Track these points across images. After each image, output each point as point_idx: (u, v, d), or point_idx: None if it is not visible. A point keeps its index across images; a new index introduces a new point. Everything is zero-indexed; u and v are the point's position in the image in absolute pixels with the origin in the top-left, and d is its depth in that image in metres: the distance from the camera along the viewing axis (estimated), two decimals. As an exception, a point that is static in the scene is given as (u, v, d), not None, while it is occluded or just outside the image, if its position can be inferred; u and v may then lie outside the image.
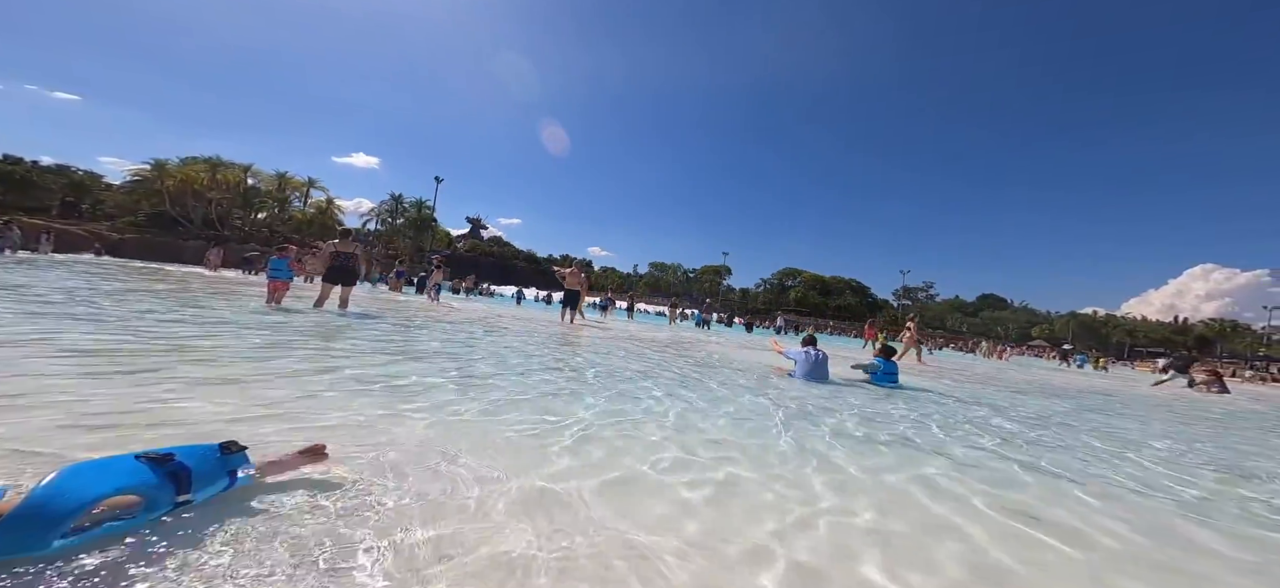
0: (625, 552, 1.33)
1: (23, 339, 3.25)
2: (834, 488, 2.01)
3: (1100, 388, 10.06)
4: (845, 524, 1.68)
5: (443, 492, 1.57)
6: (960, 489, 2.17)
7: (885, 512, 1.82)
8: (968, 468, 2.54)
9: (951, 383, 7.51)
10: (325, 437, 1.73)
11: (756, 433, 2.80)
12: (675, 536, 1.46)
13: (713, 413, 3.22)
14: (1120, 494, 2.38)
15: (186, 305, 6.46)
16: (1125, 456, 3.32)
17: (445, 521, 1.38)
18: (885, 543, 1.57)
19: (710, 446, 2.45)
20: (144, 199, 36.48)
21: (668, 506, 1.68)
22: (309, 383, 2.86)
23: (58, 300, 5.60)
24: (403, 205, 50.73)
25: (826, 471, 2.24)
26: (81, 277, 9.56)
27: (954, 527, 1.76)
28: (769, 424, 3.06)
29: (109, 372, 2.66)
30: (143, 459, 1.22)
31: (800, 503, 1.82)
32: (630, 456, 2.15)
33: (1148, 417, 5.75)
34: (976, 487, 2.21)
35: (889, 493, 2.04)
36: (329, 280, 7.88)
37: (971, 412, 4.61)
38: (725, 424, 2.93)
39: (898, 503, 1.94)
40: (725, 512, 1.68)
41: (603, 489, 1.74)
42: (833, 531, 1.62)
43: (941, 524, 1.77)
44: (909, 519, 1.78)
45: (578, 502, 1.60)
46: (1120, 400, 7.51)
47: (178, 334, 4.09)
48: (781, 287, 65.73)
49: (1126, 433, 4.33)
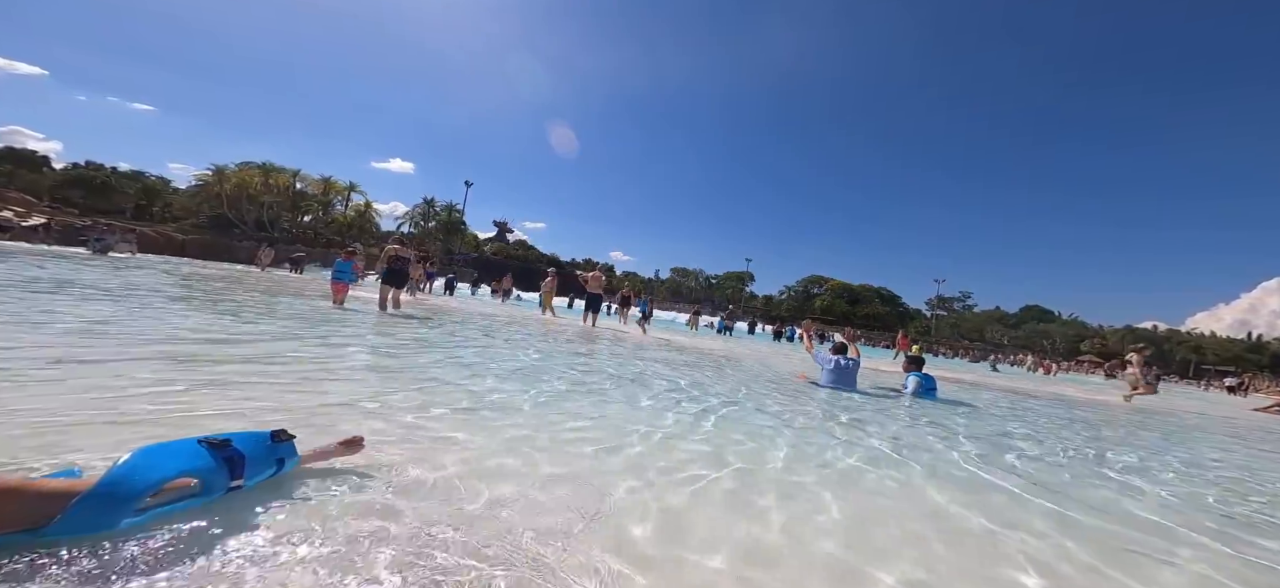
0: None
1: (249, 338, 3.56)
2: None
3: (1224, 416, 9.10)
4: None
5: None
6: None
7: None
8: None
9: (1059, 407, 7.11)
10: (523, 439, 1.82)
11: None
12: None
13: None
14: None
15: (281, 307, 6.92)
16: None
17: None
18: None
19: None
20: (205, 203, 39.29)
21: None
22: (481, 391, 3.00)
23: (221, 304, 6.10)
24: (434, 209, 52.60)
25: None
26: (185, 278, 10.38)
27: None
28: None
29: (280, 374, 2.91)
30: (204, 444, 1.30)
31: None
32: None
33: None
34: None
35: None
36: (387, 282, 8.36)
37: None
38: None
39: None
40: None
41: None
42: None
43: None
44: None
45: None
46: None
47: (297, 332, 4.38)
48: (807, 294, 64.15)
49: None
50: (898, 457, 2.76)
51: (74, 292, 5.88)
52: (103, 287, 6.78)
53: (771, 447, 2.64)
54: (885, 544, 1.61)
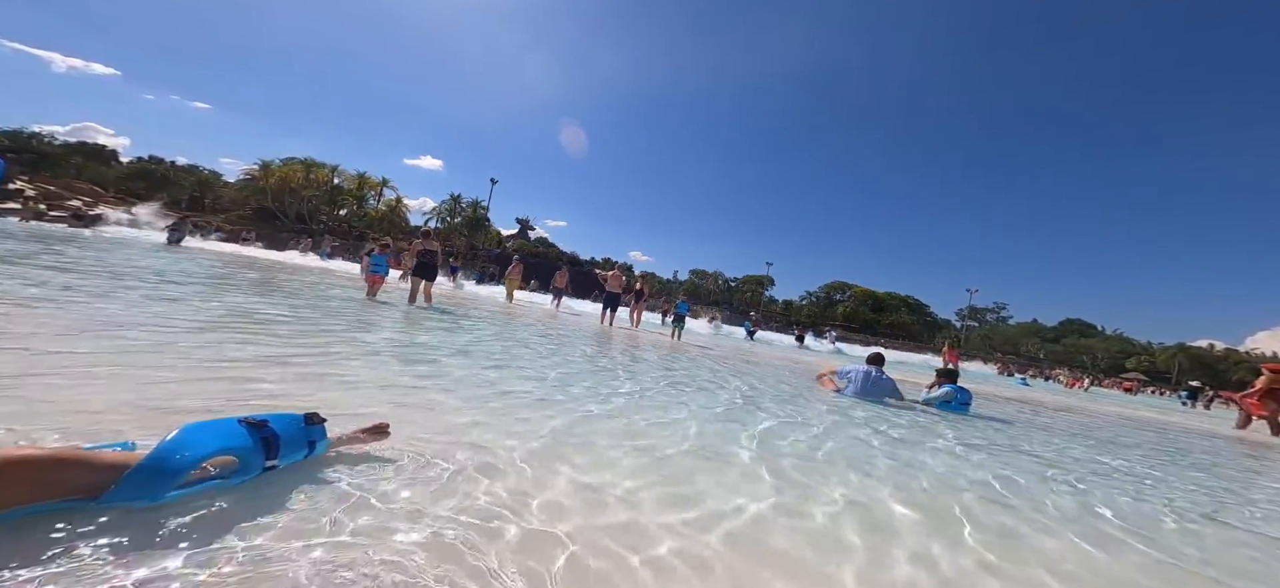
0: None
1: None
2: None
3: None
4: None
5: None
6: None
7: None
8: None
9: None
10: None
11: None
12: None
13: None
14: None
15: (315, 298, 7.26)
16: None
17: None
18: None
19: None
20: (252, 195, 41.45)
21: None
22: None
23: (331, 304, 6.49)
24: (461, 205, 53.90)
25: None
26: (251, 271, 11.04)
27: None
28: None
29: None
30: (243, 423, 1.37)
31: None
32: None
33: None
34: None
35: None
36: (416, 275, 8.64)
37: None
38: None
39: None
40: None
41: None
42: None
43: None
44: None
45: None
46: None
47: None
48: (829, 300, 62.68)
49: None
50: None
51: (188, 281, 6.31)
52: (198, 277, 7.25)
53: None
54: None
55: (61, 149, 44.99)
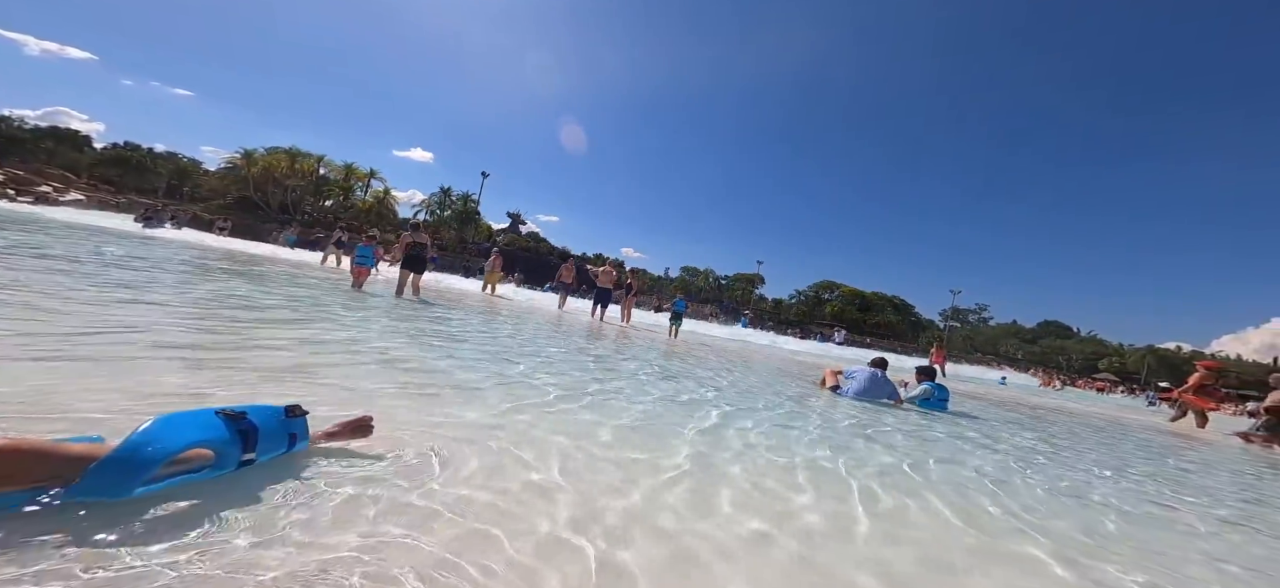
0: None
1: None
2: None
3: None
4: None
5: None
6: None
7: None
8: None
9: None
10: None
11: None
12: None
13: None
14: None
15: (299, 290, 7.09)
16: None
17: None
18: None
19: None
20: (233, 184, 40.30)
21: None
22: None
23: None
24: (451, 198, 53.13)
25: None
26: (215, 258, 10.70)
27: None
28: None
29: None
30: (220, 415, 1.32)
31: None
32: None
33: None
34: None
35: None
36: (406, 267, 8.49)
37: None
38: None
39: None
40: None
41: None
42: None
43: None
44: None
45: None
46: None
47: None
48: (818, 299, 63.33)
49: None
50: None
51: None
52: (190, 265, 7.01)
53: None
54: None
55: (31, 134, 43.27)
